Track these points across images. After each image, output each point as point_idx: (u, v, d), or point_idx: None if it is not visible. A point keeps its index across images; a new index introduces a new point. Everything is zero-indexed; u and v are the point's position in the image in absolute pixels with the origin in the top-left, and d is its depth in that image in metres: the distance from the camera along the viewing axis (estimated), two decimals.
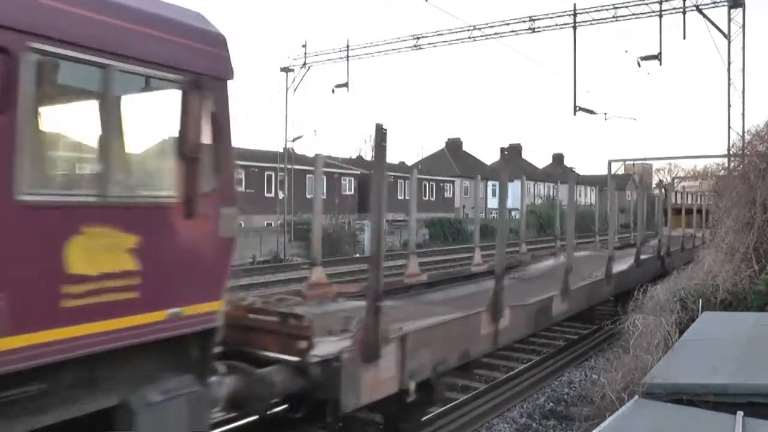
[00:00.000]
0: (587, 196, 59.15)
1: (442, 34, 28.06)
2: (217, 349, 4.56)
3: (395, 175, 52.41)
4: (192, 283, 4.28)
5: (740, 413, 4.55)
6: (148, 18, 4.05)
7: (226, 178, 4.52)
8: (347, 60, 30.21)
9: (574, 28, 24.93)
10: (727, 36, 22.38)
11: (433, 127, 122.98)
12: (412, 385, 6.01)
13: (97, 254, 3.68)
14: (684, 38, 23.01)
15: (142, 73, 4.05)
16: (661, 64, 23.39)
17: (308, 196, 42.60)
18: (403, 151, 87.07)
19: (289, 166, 34.19)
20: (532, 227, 41.55)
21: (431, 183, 55.52)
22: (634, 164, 47.51)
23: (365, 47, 30.08)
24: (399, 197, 51.70)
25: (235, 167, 5.16)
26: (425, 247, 35.91)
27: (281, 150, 34.06)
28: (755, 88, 78.46)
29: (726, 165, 17.87)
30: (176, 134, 4.23)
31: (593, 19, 24.76)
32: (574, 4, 24.89)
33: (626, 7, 24.11)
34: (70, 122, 4.34)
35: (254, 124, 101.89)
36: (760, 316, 8.38)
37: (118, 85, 3.87)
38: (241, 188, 39.03)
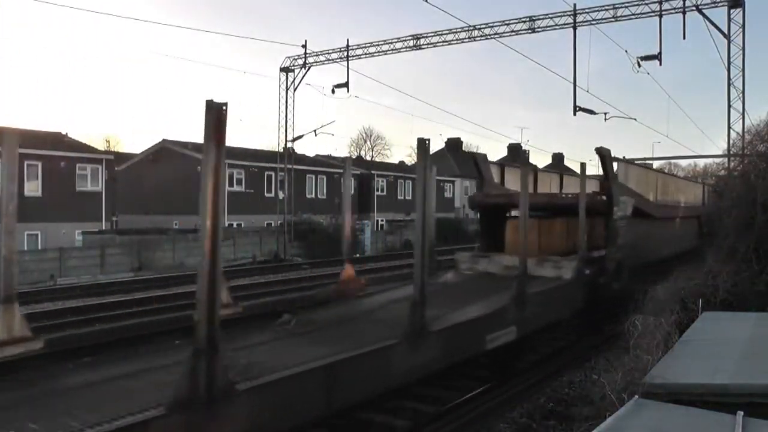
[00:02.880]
0: None
1: (442, 34, 28.05)
2: None
3: (395, 175, 52.39)
4: None
5: (740, 413, 4.55)
6: None
7: None
8: (347, 60, 30.18)
9: (574, 28, 24.91)
10: (727, 36, 22.36)
11: (433, 126, 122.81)
12: None
13: None
14: (684, 38, 23.02)
15: None
16: (661, 64, 23.39)
17: (308, 196, 42.62)
18: (402, 150, 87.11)
19: (289, 166, 34.20)
20: None
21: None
22: (633, 164, 47.48)
23: (365, 47, 30.06)
24: (399, 197, 51.72)
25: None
26: None
27: (281, 150, 34.05)
28: (755, 88, 78.40)
29: (726, 165, 17.89)
30: None
31: (593, 19, 24.76)
32: (574, 4, 24.90)
33: (626, 7, 24.11)
34: None
35: (254, 124, 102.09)
36: (760, 316, 8.38)
37: None
38: (242, 188, 39.04)
